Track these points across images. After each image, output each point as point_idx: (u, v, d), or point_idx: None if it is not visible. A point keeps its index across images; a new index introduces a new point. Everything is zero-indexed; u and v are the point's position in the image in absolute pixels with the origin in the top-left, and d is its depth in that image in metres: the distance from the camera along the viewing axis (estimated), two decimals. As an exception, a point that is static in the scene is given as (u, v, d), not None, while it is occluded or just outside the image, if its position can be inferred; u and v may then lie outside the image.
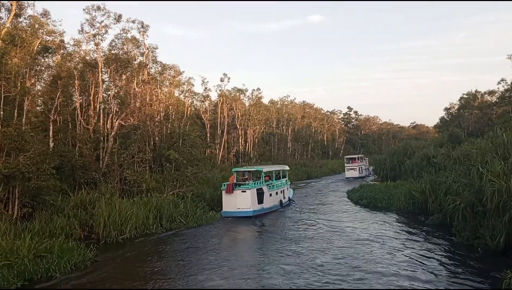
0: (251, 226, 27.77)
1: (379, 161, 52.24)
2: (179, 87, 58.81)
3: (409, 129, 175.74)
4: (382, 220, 27.81)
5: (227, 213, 30.19)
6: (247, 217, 29.70)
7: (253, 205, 30.32)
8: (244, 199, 30.12)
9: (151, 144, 37.31)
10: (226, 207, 30.39)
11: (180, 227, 26.24)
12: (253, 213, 30.10)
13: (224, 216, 30.06)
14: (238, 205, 30.09)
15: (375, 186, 40.27)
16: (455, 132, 46.20)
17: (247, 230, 26.71)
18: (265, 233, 25.40)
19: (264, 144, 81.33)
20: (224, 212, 30.35)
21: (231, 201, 30.24)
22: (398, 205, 30.68)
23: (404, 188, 31.29)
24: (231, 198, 30.27)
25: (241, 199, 30.14)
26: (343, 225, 26.25)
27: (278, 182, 35.88)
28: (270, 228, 26.86)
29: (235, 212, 30.00)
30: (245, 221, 29.45)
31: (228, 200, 30.35)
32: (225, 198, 30.51)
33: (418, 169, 40.58)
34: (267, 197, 32.34)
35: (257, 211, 30.64)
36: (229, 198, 30.35)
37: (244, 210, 29.98)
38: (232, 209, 30.13)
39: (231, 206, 30.19)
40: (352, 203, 36.81)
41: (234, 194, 30.23)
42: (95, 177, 29.10)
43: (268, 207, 32.28)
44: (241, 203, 30.09)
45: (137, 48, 39.20)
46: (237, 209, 30.05)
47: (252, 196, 30.43)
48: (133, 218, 23.93)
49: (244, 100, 78.27)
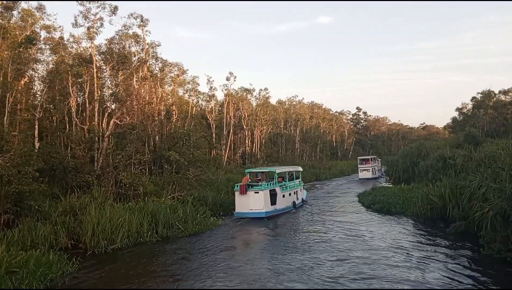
0: (256, 231, 25.74)
1: (391, 162, 49.70)
2: (183, 86, 56.88)
3: (419, 130, 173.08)
4: (399, 226, 25.56)
5: (240, 214, 29.91)
6: (260, 218, 29.27)
7: (266, 206, 30.04)
8: (257, 200, 29.88)
9: (151, 144, 35.41)
10: (239, 208, 30.14)
11: (178, 234, 24.16)
12: (266, 214, 29.77)
13: (237, 217, 29.81)
14: (251, 206, 29.82)
15: (388, 189, 37.92)
16: (471, 132, 43.62)
17: (252, 235, 24.63)
18: (275, 239, 23.26)
19: (272, 145, 79.11)
20: (237, 213, 30.10)
21: (244, 202, 29.97)
22: (414, 210, 28.32)
23: (420, 192, 28.91)
24: (244, 199, 29.99)
25: (254, 200, 29.89)
26: (359, 232, 24.22)
27: (291, 183, 35.50)
28: (281, 234, 24.75)
29: (248, 213, 29.69)
30: (252, 224, 27.84)
31: (241, 201, 30.06)
32: (238, 199, 30.23)
33: (433, 171, 38.16)
34: (280, 198, 32.02)
35: (270, 212, 30.31)
36: (242, 199, 30.05)
37: (257, 211, 29.69)
38: (245, 210, 29.85)
39: (244, 207, 29.93)
40: (364, 207, 34.50)
41: (247, 195, 29.97)
42: (88, 180, 27.17)
43: (281, 208, 31.91)
44: (254, 204, 29.83)
45: (137, 43, 37.25)
46: (250, 210, 29.76)
47: (265, 197, 30.15)
48: (125, 225, 21.88)
49: (252, 100, 76.31)
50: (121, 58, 31.13)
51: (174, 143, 35.30)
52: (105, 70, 32.00)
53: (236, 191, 30.58)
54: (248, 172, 33.87)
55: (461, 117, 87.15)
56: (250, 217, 29.38)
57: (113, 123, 28.76)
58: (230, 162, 61.92)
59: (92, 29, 30.43)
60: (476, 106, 66.76)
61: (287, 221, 29.66)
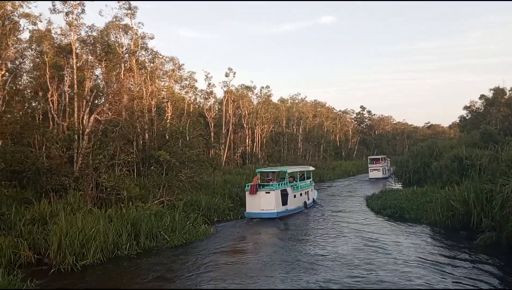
0: (254, 241, 22.60)
1: (400, 162, 46.36)
2: (180, 82, 53.69)
3: (424, 129, 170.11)
4: (416, 236, 22.44)
5: (251, 214, 29.40)
6: (270, 218, 28.76)
7: (277, 207, 29.53)
8: (268, 201, 29.42)
9: (140, 143, 32.36)
10: (250, 208, 29.64)
11: (163, 245, 21.08)
12: (277, 215, 29.24)
13: (247, 217, 29.32)
14: (262, 206, 29.34)
15: (399, 192, 34.68)
16: (488, 130, 40.42)
17: (247, 249, 21.47)
18: (279, 253, 20.10)
19: (273, 144, 75.90)
20: (247, 213, 29.59)
21: (255, 202, 29.48)
22: (431, 217, 25.15)
23: (439, 197, 25.74)
24: (254, 199, 29.50)
25: (265, 200, 29.42)
26: (375, 242, 21.35)
27: (302, 183, 35.03)
28: (286, 247, 21.56)
29: (259, 213, 29.23)
30: (251, 231, 25.51)
31: (252, 201, 29.57)
32: (249, 199, 29.74)
33: (448, 173, 35.06)
34: (291, 199, 31.48)
35: (281, 213, 29.79)
36: (252, 199, 29.56)
37: (268, 212, 29.19)
38: (256, 210, 29.36)
39: (255, 207, 29.44)
40: (373, 213, 31.33)
41: (258, 195, 29.47)
42: (64, 182, 24.14)
43: (292, 208, 31.40)
44: (265, 204, 29.35)
45: (125, 34, 34.17)
46: (261, 210, 29.26)
47: (276, 197, 29.66)
48: (100, 236, 18.80)
49: (252, 97, 73.04)
50: (104, 47, 28.04)
51: (165, 142, 32.22)
52: (87, 60, 28.85)
53: (247, 191, 29.89)
54: (259, 172, 32.92)
55: (469, 115, 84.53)
56: (261, 218, 28.81)
57: (94, 119, 25.69)
58: (229, 162, 58.74)
59: (72, 15, 27.35)
60: (489, 103, 63.38)
61: (296, 226, 27.19)
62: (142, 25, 34.47)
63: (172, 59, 48.50)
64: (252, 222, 28.92)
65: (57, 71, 28.46)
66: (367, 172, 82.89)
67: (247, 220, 29.16)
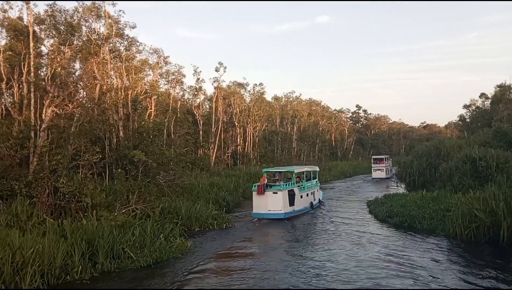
0: (237, 266, 18.77)
1: (404, 163, 42.48)
2: (167, 77, 49.56)
3: (420, 129, 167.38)
4: (436, 252, 18.76)
5: (258, 214, 28.95)
6: (278, 219, 28.26)
7: (284, 207, 29.00)
8: (276, 201, 28.85)
9: (113, 142, 28.41)
10: (257, 208, 29.13)
11: (127, 265, 17.16)
12: (284, 216, 28.75)
13: (254, 218, 28.84)
14: (269, 207, 28.78)
15: (405, 197, 30.85)
16: (501, 128, 36.77)
17: (230, 263, 17.63)
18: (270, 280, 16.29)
19: (266, 144, 71.94)
20: (254, 213, 29.15)
21: (262, 202, 28.94)
22: (449, 229, 21.43)
23: (458, 204, 22.01)
24: (262, 200, 28.95)
25: (272, 200, 28.85)
26: (391, 258, 18.00)
27: (309, 183, 34.53)
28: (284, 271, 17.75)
29: (266, 214, 28.71)
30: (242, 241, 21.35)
31: (259, 202, 29.03)
32: (256, 199, 29.19)
33: (459, 175, 31.51)
34: (298, 199, 31.02)
35: (288, 214, 29.29)
36: (260, 200, 29.01)
37: (276, 212, 28.65)
38: (263, 211, 28.84)
39: (262, 208, 28.90)
40: (377, 221, 27.63)
41: (265, 195, 28.90)
42: (14, 188, 20.20)
43: (299, 209, 30.95)
44: (272, 205, 28.76)
45: (98, 18, 30.19)
46: (268, 211, 28.72)
47: (284, 198, 29.16)
48: (43, 257, 14.92)
49: (245, 95, 68.88)
50: (67, 28, 24.06)
51: (141, 140, 28.32)
52: (48, 44, 24.92)
53: (254, 191, 29.37)
54: (265, 172, 32.11)
55: (469, 114, 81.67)
56: (269, 219, 28.32)
57: (52, 113, 21.72)
58: (218, 163, 54.78)
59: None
60: (495, 100, 59.82)
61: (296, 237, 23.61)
62: (124, 13, 30.42)
63: (156, 50, 44.67)
64: (238, 230, 25.39)
65: (13, 57, 24.48)
66: (364, 173, 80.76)
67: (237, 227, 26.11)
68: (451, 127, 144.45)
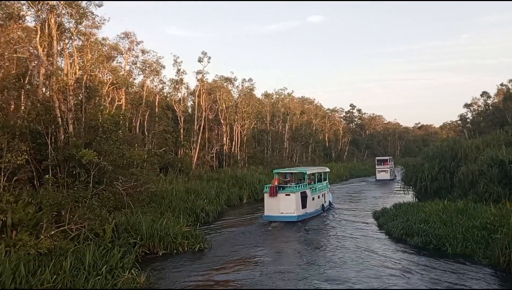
0: None
1: (412, 166, 36.71)
2: (144, 68, 43.51)
3: (415, 130, 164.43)
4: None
5: (270, 217, 28.14)
6: (290, 222, 27.44)
7: (297, 210, 28.25)
8: (288, 203, 28.11)
9: (59, 139, 22.41)
10: (269, 211, 28.43)
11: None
12: (297, 218, 27.98)
13: (266, 220, 28.00)
14: (281, 209, 28.08)
15: (423, 209, 25.07)
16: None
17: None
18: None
19: (255, 144, 66.04)
20: (266, 216, 28.41)
21: (274, 204, 28.19)
22: (495, 256, 15.89)
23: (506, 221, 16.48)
24: (274, 202, 28.19)
25: (284, 203, 28.09)
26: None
27: (320, 185, 33.77)
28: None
29: (278, 216, 27.93)
30: (219, 271, 15.30)
31: (271, 204, 28.30)
32: (268, 202, 28.48)
33: (485, 182, 26.19)
34: (310, 201, 30.28)
35: (301, 216, 28.53)
36: (272, 202, 28.28)
37: (288, 215, 27.96)
38: (275, 213, 28.10)
39: (274, 210, 28.17)
40: (392, 240, 21.94)
41: (277, 197, 28.15)
42: None
43: (311, 211, 30.27)
44: (285, 207, 28.05)
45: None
46: (281, 213, 28.01)
47: (297, 200, 28.42)
48: None
49: (233, 90, 62.71)
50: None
51: (95, 136, 22.42)
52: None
53: (266, 193, 28.65)
54: (277, 173, 31.04)
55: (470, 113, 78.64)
56: (281, 221, 27.46)
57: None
58: (201, 165, 48.78)
59: None
60: (509, 96, 54.76)
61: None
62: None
63: (127, 35, 38.95)
64: (218, 251, 19.83)
65: None
66: (361, 175, 76.37)
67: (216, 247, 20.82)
68: (446, 128, 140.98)
